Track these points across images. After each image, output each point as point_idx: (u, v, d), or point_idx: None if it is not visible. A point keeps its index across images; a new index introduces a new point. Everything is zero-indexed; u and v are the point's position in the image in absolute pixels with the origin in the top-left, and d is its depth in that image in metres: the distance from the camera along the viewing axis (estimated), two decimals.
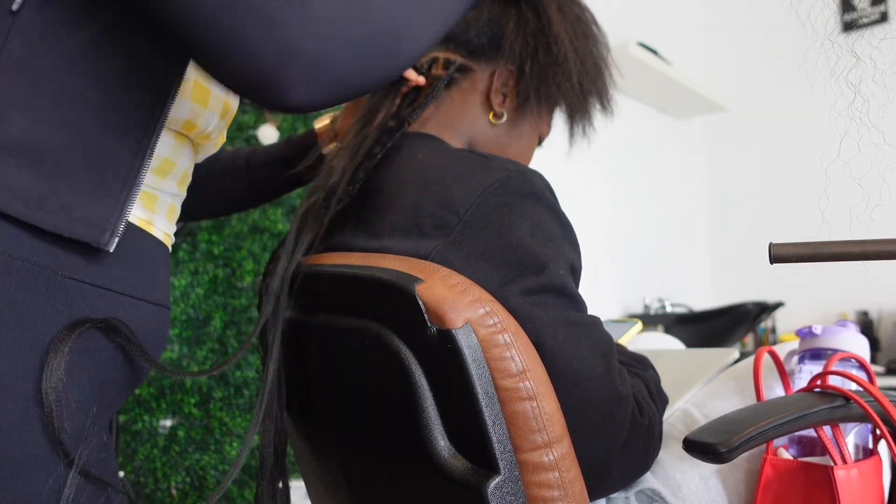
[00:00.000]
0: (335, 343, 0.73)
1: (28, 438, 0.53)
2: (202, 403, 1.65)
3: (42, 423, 0.53)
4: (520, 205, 0.69)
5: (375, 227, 0.74)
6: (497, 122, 0.86)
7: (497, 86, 0.85)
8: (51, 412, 0.53)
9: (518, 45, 0.83)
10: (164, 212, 0.68)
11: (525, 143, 0.90)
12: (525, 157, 0.91)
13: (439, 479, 0.62)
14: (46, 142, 0.54)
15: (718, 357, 0.95)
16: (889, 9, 2.74)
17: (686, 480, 0.78)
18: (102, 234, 0.56)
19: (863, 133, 0.68)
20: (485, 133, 0.86)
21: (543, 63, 0.82)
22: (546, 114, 0.90)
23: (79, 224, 0.55)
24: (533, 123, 0.89)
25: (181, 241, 1.69)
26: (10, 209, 0.52)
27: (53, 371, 0.53)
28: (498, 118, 0.86)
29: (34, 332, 0.53)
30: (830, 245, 0.59)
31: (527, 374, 0.60)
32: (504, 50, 0.84)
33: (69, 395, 0.55)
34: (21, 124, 0.53)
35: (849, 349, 0.80)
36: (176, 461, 1.62)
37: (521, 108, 0.86)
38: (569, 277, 0.69)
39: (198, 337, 1.67)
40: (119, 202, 0.57)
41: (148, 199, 0.65)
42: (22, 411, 0.52)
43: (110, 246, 0.56)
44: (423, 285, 0.61)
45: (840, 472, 0.70)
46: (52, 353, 0.53)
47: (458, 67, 0.85)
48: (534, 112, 0.88)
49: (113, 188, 0.57)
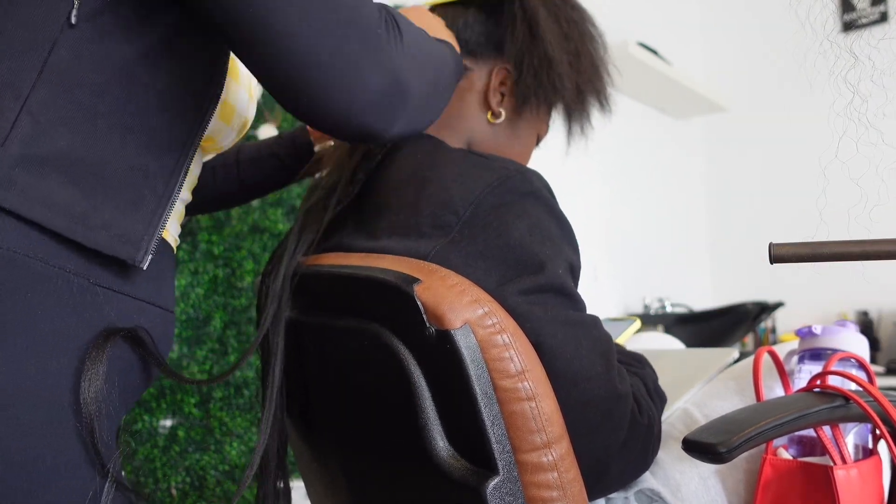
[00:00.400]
0: (334, 343, 0.73)
1: (63, 444, 0.53)
2: (202, 403, 1.65)
3: (76, 431, 0.53)
4: (518, 204, 0.69)
5: (374, 228, 0.74)
6: (495, 122, 0.86)
7: (495, 85, 0.85)
8: (91, 421, 0.53)
9: (512, 45, 0.83)
10: (175, 217, 0.69)
11: (524, 142, 0.90)
12: (524, 156, 0.91)
13: (438, 479, 0.62)
14: (89, 157, 0.54)
15: (718, 357, 0.95)
16: (889, 9, 2.74)
17: (685, 480, 0.78)
18: (137, 252, 0.56)
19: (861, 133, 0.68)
20: (483, 132, 0.86)
21: (535, 64, 0.82)
22: (544, 113, 0.90)
23: (117, 241, 0.55)
24: (531, 123, 0.89)
25: (181, 241, 1.69)
26: (52, 224, 0.52)
27: (92, 381, 0.53)
28: (496, 118, 0.86)
29: (67, 338, 0.53)
30: (830, 245, 0.59)
31: (526, 375, 0.60)
32: (501, 50, 0.84)
33: (108, 404, 0.55)
34: (66, 138, 0.53)
35: (848, 349, 0.80)
36: (176, 461, 1.62)
37: (519, 108, 0.86)
38: (568, 277, 0.69)
39: (198, 337, 1.67)
40: (154, 220, 0.58)
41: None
42: (57, 418, 0.52)
43: (144, 263, 0.57)
44: (422, 286, 0.61)
45: (840, 471, 0.70)
46: (89, 362, 0.53)
47: None
48: (532, 111, 0.88)
49: (150, 206, 0.58)
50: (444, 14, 0.87)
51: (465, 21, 0.85)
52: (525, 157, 0.92)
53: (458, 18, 0.85)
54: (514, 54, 0.83)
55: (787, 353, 0.87)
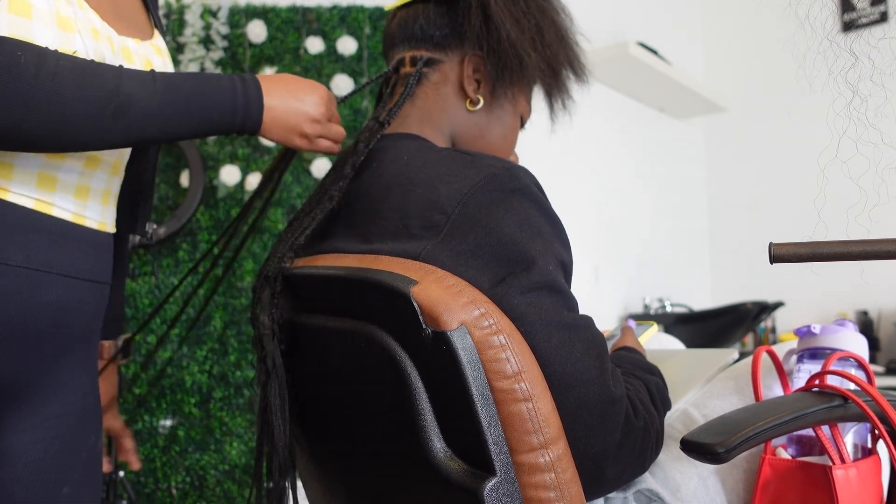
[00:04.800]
0: (330, 345, 0.73)
1: None
2: (202, 403, 1.65)
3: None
4: (507, 201, 0.69)
5: (366, 232, 0.75)
6: (474, 109, 0.86)
7: (469, 73, 0.85)
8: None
9: (471, 33, 0.84)
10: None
11: (507, 125, 0.90)
12: (509, 139, 0.91)
13: (436, 480, 0.62)
14: None
15: (718, 357, 0.95)
16: (889, 9, 2.74)
17: (685, 480, 0.78)
18: None
19: (861, 133, 0.68)
20: (464, 122, 0.87)
21: (497, 48, 0.83)
22: (521, 93, 0.90)
23: None
24: (511, 105, 0.89)
25: (181, 241, 1.69)
26: None
27: None
28: (475, 105, 0.86)
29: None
30: (830, 245, 0.59)
31: (522, 376, 0.60)
32: (466, 38, 0.85)
33: None
34: None
35: (848, 349, 0.80)
36: (176, 461, 1.62)
37: (496, 92, 0.87)
38: (559, 273, 0.69)
39: (198, 337, 1.67)
40: None
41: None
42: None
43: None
44: (418, 287, 0.61)
45: (838, 471, 0.69)
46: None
47: (425, 62, 0.86)
48: (507, 94, 0.88)
49: None
50: (407, 14, 0.88)
51: (426, 17, 0.86)
52: (511, 140, 0.92)
53: (419, 16, 0.86)
54: (475, 42, 0.84)
55: (786, 353, 0.87)
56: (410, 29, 0.87)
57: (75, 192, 0.75)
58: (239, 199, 1.72)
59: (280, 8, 1.77)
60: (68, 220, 0.74)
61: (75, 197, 0.75)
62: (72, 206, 0.75)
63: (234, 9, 1.75)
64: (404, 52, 0.88)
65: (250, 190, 1.70)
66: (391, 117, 0.83)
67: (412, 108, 0.86)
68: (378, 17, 1.80)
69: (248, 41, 1.75)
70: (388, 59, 0.92)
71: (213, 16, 1.73)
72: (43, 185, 0.72)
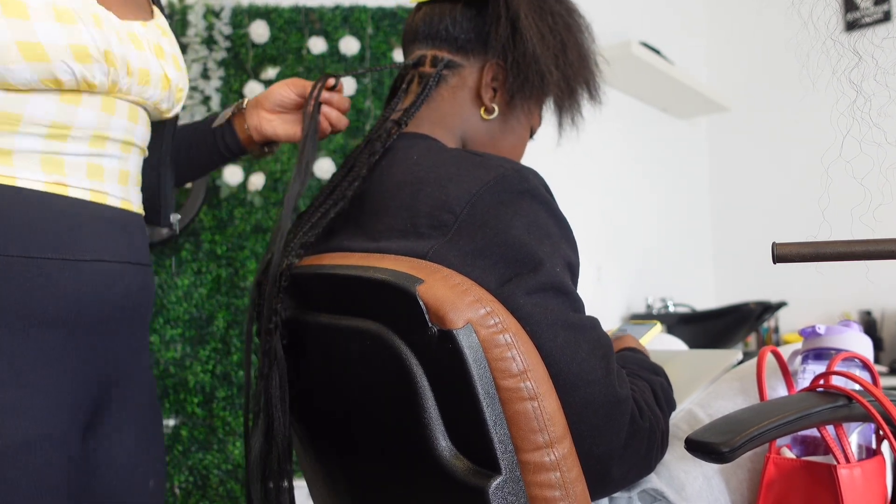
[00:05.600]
0: (336, 343, 0.73)
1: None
2: (205, 403, 1.65)
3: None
4: (516, 202, 0.69)
5: (373, 230, 0.75)
6: (489, 118, 0.86)
7: (487, 81, 0.85)
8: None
9: (497, 42, 0.84)
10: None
11: (518, 136, 0.90)
12: (518, 149, 0.91)
13: (441, 479, 0.62)
14: None
15: (722, 358, 0.95)
16: (892, 8, 2.73)
17: (689, 480, 0.78)
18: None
19: (865, 132, 0.68)
20: (477, 128, 0.87)
21: (520, 60, 0.83)
22: (536, 106, 0.91)
23: None
24: (524, 116, 0.89)
25: (184, 241, 1.69)
26: None
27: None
28: (489, 113, 0.86)
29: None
30: (834, 245, 0.59)
31: (528, 375, 0.60)
32: (490, 45, 0.85)
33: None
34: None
35: (852, 349, 0.80)
36: (179, 461, 1.62)
37: (511, 102, 0.87)
38: (566, 275, 0.69)
39: (201, 336, 1.67)
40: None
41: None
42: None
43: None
44: (424, 286, 0.61)
45: (843, 470, 0.69)
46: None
47: (446, 64, 0.85)
48: (524, 105, 0.88)
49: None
50: (433, 11, 0.87)
51: (452, 18, 0.85)
52: (519, 151, 0.92)
53: (445, 15, 0.86)
54: (499, 51, 0.84)
55: (790, 353, 0.87)
56: (435, 27, 0.86)
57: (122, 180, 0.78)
58: (242, 199, 1.72)
59: (283, 8, 1.77)
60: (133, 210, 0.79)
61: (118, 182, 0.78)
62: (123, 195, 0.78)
63: (237, 9, 1.75)
64: (426, 49, 0.87)
65: (253, 190, 1.70)
66: (408, 118, 0.83)
67: (426, 108, 0.86)
68: (380, 18, 1.80)
69: (250, 41, 1.75)
70: (406, 52, 0.92)
71: (216, 16, 1.73)
72: (92, 176, 0.75)
